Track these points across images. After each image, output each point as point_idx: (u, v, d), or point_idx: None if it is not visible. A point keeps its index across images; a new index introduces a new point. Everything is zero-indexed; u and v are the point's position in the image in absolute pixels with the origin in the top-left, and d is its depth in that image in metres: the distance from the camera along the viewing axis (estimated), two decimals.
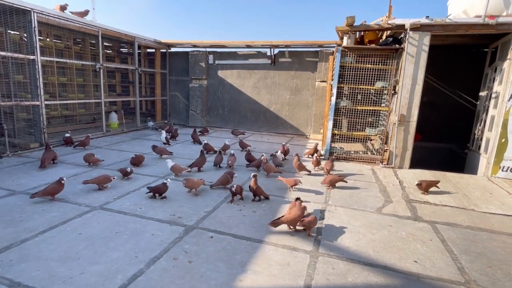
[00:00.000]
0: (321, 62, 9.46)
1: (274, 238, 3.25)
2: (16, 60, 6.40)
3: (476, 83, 7.42)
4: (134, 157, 5.67)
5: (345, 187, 5.00)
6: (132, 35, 9.26)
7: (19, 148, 6.43)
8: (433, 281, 2.67)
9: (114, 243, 3.02)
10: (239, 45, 10.06)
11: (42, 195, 3.87)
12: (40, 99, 6.60)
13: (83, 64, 8.87)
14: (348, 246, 3.16)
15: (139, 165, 5.69)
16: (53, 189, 3.97)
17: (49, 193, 3.93)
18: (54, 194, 3.99)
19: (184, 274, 2.59)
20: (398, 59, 6.28)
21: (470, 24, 5.61)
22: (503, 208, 4.36)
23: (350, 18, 6.08)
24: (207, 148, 6.92)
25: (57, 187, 4.01)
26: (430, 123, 8.51)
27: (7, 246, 2.89)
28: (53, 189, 3.97)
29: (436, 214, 4.09)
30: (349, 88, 6.68)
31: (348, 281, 2.61)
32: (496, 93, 5.99)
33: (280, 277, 2.62)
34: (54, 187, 3.99)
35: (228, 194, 4.45)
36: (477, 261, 3.01)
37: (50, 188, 3.96)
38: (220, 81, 10.89)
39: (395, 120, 6.18)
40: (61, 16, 6.97)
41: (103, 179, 4.43)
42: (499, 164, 5.79)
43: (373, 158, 6.76)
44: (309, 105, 10.05)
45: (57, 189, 4.01)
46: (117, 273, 2.56)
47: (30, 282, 2.41)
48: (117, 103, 10.63)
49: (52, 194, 3.97)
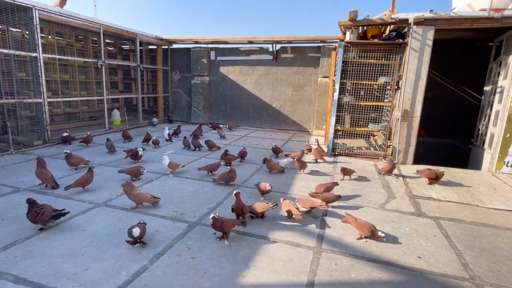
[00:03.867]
0: (324, 58, 9.40)
1: (277, 234, 3.25)
2: (18, 57, 6.41)
3: (481, 78, 7.34)
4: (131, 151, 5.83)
5: (348, 183, 4.99)
6: (134, 31, 9.24)
7: (23, 145, 6.46)
8: (437, 277, 2.66)
9: (118, 239, 3.04)
10: (241, 41, 10.01)
11: (75, 186, 4.12)
12: (43, 97, 6.62)
13: (85, 61, 8.86)
14: (351, 242, 3.16)
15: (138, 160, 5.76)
16: (86, 180, 4.21)
17: (81, 184, 4.17)
18: (85, 184, 4.22)
19: (188, 270, 2.60)
20: (402, 54, 6.22)
21: (475, 17, 5.53)
22: (507, 203, 4.33)
23: (353, 12, 6.02)
24: (210, 144, 6.92)
25: (88, 178, 4.24)
26: (434, 118, 8.44)
27: (12, 242, 2.91)
28: (85, 180, 4.20)
29: (439, 210, 4.07)
30: (352, 83, 6.63)
31: (351, 277, 2.60)
32: (501, 88, 5.92)
33: (283, 273, 2.62)
34: (87, 177, 4.22)
35: (231, 190, 4.45)
36: (481, 257, 2.99)
37: (82, 179, 4.19)
38: (222, 78, 10.86)
39: (398, 116, 6.14)
40: (62, 13, 6.96)
41: (134, 170, 4.64)
42: (503, 160, 5.75)
43: (376, 154, 6.73)
44: (311, 101, 10.01)
45: (89, 179, 4.24)
46: (121, 269, 2.58)
47: (35, 278, 2.43)
48: (119, 100, 10.64)
49: (84, 184, 4.20)
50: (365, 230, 3.15)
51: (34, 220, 3.08)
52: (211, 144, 6.91)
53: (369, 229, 3.13)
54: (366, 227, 3.15)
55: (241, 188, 4.60)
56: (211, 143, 6.91)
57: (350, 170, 5.11)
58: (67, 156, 5.19)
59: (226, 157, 5.67)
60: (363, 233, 3.17)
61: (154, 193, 4.26)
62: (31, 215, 3.08)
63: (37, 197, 3.92)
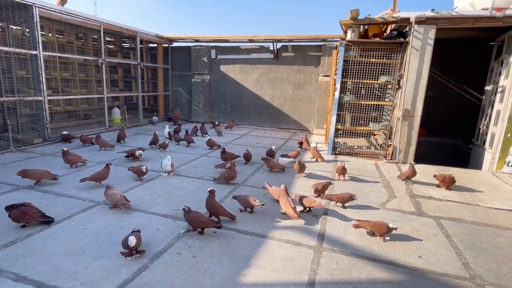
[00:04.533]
0: (325, 57, 9.38)
1: (277, 233, 3.25)
2: (18, 55, 6.39)
3: (482, 77, 7.33)
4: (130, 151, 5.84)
5: (348, 182, 4.98)
6: (134, 29, 9.21)
7: (23, 143, 6.45)
8: (438, 276, 2.65)
9: (118, 238, 3.02)
10: (242, 39, 9.99)
11: (90, 179, 4.24)
12: (43, 95, 6.61)
13: (85, 59, 8.84)
14: (352, 241, 3.15)
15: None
16: (101, 175, 4.32)
17: (96, 179, 4.27)
18: (101, 179, 4.33)
19: (188, 269, 2.60)
20: (403, 53, 6.20)
21: (477, 17, 5.51)
22: (508, 203, 4.33)
23: (354, 11, 6.00)
24: (210, 143, 6.92)
25: (105, 173, 4.35)
26: (435, 118, 8.44)
27: (12, 240, 2.91)
28: (101, 175, 4.31)
29: (440, 209, 4.07)
30: (353, 82, 6.62)
31: (352, 276, 2.60)
32: (502, 87, 5.91)
33: (284, 272, 2.62)
34: (103, 173, 4.34)
35: (231, 189, 4.45)
36: (482, 256, 2.99)
37: (98, 174, 4.31)
38: (222, 76, 10.84)
39: (399, 115, 6.13)
40: (62, 10, 6.94)
41: (137, 170, 4.67)
42: (504, 159, 5.74)
43: (376, 153, 6.72)
44: (312, 100, 9.99)
45: (105, 174, 4.35)
46: (121, 267, 2.57)
47: (35, 276, 2.43)
48: (120, 98, 10.62)
49: (99, 179, 4.31)
50: (382, 228, 3.15)
51: (17, 219, 3.06)
52: (212, 142, 6.91)
53: (385, 226, 3.14)
54: (382, 225, 3.16)
55: (242, 187, 4.60)
56: (211, 142, 6.91)
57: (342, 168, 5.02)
58: (64, 153, 5.19)
59: (225, 156, 5.69)
60: (381, 232, 3.16)
61: (154, 192, 4.27)
62: (16, 214, 3.05)
63: (37, 195, 3.94)
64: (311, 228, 3.41)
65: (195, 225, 3.13)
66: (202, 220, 3.12)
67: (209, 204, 3.40)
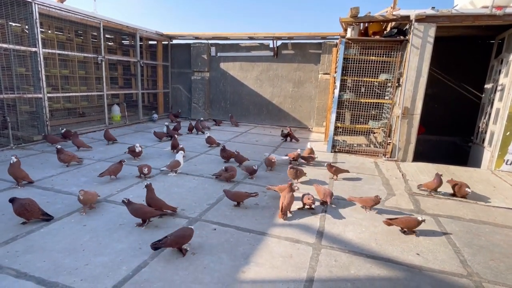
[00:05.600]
0: (324, 54, 9.36)
1: (276, 231, 3.27)
2: (18, 52, 6.38)
3: (481, 76, 7.32)
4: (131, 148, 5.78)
5: (347, 180, 5.00)
6: (134, 27, 9.19)
7: (23, 140, 6.46)
8: (436, 273, 2.67)
9: (118, 234, 3.05)
10: (242, 37, 9.97)
11: (108, 173, 4.46)
12: (43, 92, 6.60)
13: (85, 57, 8.83)
14: (350, 239, 3.17)
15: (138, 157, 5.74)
16: (116, 169, 4.56)
17: (112, 172, 4.51)
18: (116, 173, 4.57)
19: (188, 265, 2.62)
20: (403, 51, 6.20)
21: (477, 15, 5.50)
22: (506, 201, 4.34)
23: (354, 9, 5.98)
24: (210, 141, 6.92)
25: (118, 167, 4.59)
26: (434, 116, 8.44)
27: (13, 237, 2.93)
28: (116, 169, 4.56)
29: (439, 207, 4.08)
30: (353, 80, 6.61)
31: (350, 273, 2.62)
32: (502, 86, 5.91)
33: (283, 269, 2.63)
34: (117, 167, 4.58)
35: (231, 187, 4.46)
36: (479, 254, 3.01)
37: (113, 167, 4.54)
38: (222, 74, 10.83)
39: (398, 113, 6.13)
40: (62, 7, 6.92)
41: (140, 169, 4.75)
42: (503, 158, 5.75)
43: (376, 151, 6.73)
44: (312, 97, 9.99)
45: (118, 168, 4.59)
46: (121, 264, 2.59)
47: (36, 272, 2.45)
48: (119, 96, 10.61)
49: (115, 173, 4.55)
50: (412, 223, 3.27)
51: (19, 214, 3.13)
52: (211, 140, 6.92)
53: (415, 220, 3.27)
54: (412, 220, 3.28)
55: (241, 185, 4.61)
56: (211, 140, 6.92)
57: (337, 168, 5.04)
58: (58, 151, 5.02)
59: (224, 154, 5.70)
60: (412, 226, 3.29)
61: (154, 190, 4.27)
62: (19, 209, 3.11)
63: (36, 192, 3.95)
64: (310, 225, 3.43)
65: (137, 215, 3.23)
66: (145, 211, 3.26)
67: (151, 199, 3.50)
